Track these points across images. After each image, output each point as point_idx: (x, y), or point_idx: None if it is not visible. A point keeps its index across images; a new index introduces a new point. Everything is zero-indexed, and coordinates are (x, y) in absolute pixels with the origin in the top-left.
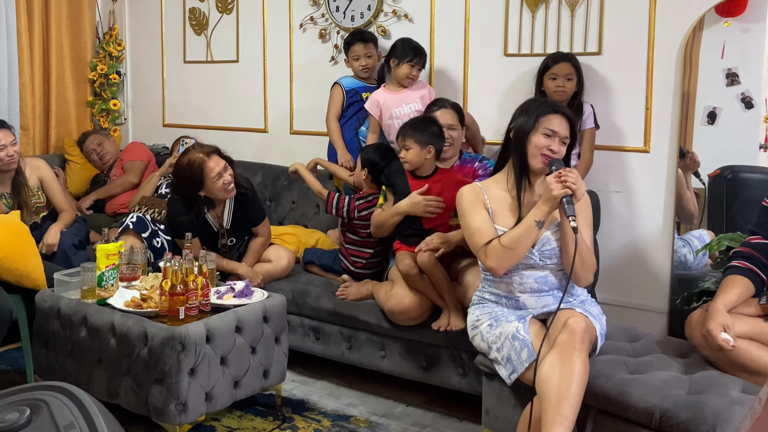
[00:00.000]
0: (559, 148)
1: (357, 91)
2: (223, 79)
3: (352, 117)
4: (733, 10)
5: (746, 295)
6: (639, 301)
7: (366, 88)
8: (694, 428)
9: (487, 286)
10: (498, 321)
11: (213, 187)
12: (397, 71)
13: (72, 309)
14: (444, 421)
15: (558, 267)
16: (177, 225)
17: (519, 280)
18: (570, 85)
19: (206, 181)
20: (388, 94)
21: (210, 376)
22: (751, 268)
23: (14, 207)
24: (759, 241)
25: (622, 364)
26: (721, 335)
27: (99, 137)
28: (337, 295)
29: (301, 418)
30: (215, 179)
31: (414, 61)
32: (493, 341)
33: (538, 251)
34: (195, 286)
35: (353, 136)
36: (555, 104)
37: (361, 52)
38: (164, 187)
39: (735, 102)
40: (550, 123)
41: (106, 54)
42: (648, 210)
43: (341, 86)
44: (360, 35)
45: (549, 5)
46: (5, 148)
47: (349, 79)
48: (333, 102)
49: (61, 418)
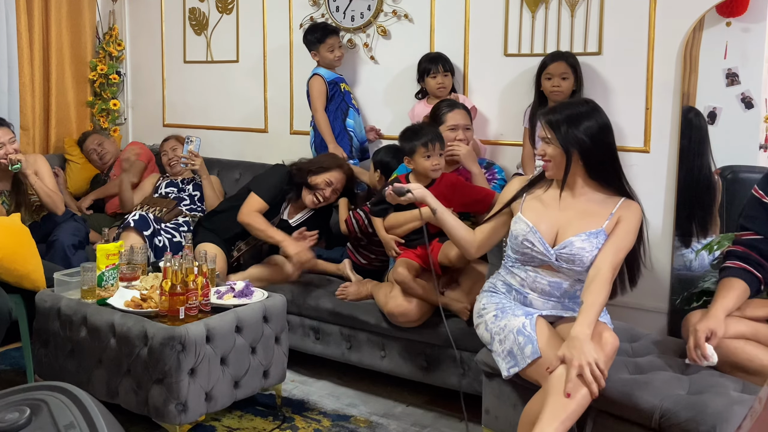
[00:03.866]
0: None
1: (336, 82)
2: (223, 79)
3: (336, 110)
4: (735, 10)
5: (744, 298)
6: (639, 301)
7: (341, 80)
8: (693, 428)
9: (504, 273)
10: (504, 313)
11: (307, 197)
12: (427, 87)
13: (72, 309)
14: (444, 421)
15: (576, 276)
16: (268, 185)
17: (534, 276)
18: (566, 84)
19: (311, 189)
20: (427, 108)
21: (210, 376)
22: (747, 268)
23: (13, 205)
24: (752, 237)
25: (621, 364)
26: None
27: (99, 137)
28: (336, 295)
29: (301, 418)
30: (315, 194)
31: (432, 72)
32: (497, 332)
33: (556, 252)
34: (195, 286)
35: (342, 129)
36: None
37: (336, 44)
38: (164, 188)
39: (735, 102)
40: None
41: (106, 54)
42: (648, 210)
43: (323, 77)
44: (331, 27)
45: (549, 5)
46: (4, 146)
47: (323, 70)
48: (318, 94)
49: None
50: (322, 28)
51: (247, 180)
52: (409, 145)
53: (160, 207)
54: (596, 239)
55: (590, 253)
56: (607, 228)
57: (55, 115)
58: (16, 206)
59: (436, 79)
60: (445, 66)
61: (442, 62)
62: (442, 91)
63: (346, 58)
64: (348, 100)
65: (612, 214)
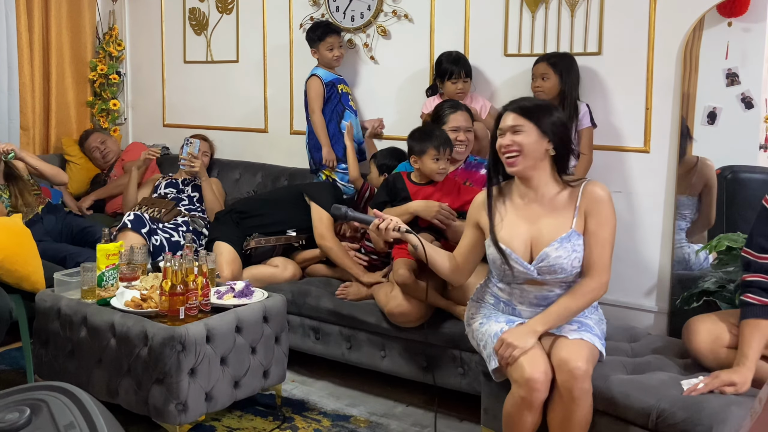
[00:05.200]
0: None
1: (333, 83)
2: (223, 79)
3: (332, 112)
4: (735, 10)
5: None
6: (639, 301)
7: (339, 81)
8: (690, 428)
9: (491, 286)
10: (488, 319)
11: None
12: (445, 89)
13: (72, 309)
14: (444, 421)
15: (562, 281)
16: (326, 199)
17: (519, 291)
18: (548, 85)
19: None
20: None
21: (210, 376)
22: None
23: (13, 197)
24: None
25: (620, 364)
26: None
27: (101, 135)
28: (336, 295)
29: (301, 418)
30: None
31: (454, 77)
32: (480, 338)
33: (535, 266)
34: (195, 286)
35: (336, 131)
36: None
37: (335, 43)
38: (164, 187)
39: (735, 102)
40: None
41: (106, 54)
42: (648, 210)
43: (320, 78)
44: (332, 27)
45: (549, 5)
46: None
47: (322, 70)
48: (315, 94)
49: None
50: (323, 26)
51: (247, 179)
52: (420, 146)
53: (158, 208)
54: (569, 243)
55: (568, 258)
56: (577, 226)
57: (55, 115)
58: (15, 195)
59: (457, 85)
60: (467, 72)
61: (464, 67)
62: (460, 96)
63: (345, 58)
64: (345, 102)
65: (577, 208)
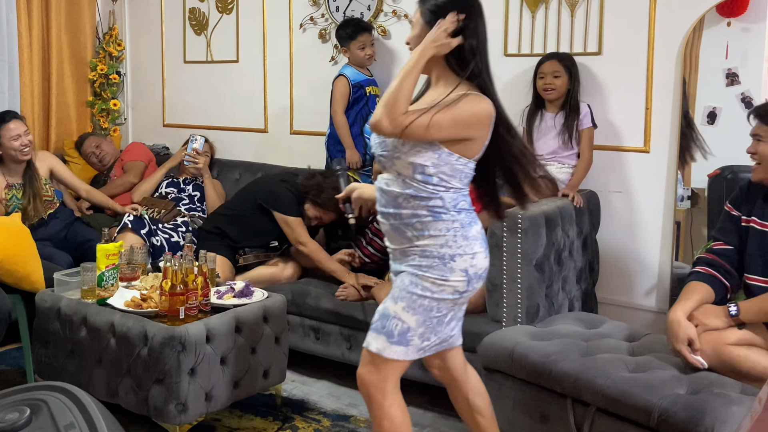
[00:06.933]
0: None
1: (362, 85)
2: (223, 79)
3: (356, 114)
4: (735, 10)
5: (706, 301)
6: (639, 301)
7: (369, 82)
8: (692, 428)
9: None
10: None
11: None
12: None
13: (72, 309)
14: (444, 421)
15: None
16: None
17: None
18: (559, 83)
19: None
20: None
21: (210, 376)
22: (713, 274)
23: (26, 198)
24: (722, 247)
25: (621, 363)
26: (693, 357)
27: (96, 139)
28: (336, 295)
29: (301, 418)
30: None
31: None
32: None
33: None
34: (195, 286)
35: (359, 133)
36: None
37: (367, 41)
38: (164, 187)
39: (735, 102)
40: None
41: (106, 54)
42: (648, 210)
43: (347, 78)
44: (364, 24)
45: (549, 5)
46: (20, 137)
47: (351, 70)
48: (340, 95)
49: (61, 418)
50: (354, 24)
51: (247, 179)
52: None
53: (158, 208)
54: None
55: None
56: None
57: (55, 115)
58: (29, 198)
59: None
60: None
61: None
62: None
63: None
64: (372, 105)
65: None
